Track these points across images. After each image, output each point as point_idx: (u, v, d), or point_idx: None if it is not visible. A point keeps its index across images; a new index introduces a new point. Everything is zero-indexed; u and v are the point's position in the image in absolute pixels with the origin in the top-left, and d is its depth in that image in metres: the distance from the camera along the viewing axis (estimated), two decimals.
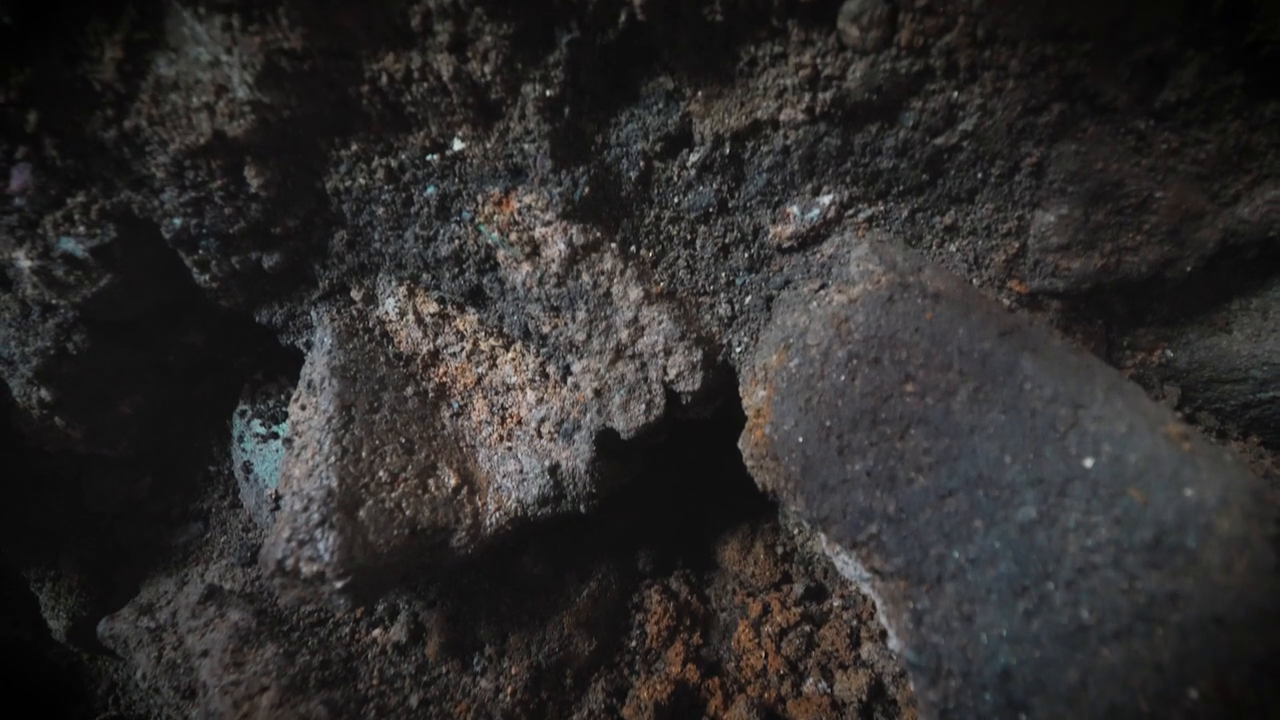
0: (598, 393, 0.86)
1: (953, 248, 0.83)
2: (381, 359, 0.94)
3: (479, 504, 0.89)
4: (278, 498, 1.11)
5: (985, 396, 0.66)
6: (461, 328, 0.94)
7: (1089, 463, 0.61)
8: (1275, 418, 0.95)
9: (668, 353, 0.84)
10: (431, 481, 0.88)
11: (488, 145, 0.81)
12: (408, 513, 0.84)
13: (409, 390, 0.93)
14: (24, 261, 0.89)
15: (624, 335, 0.84)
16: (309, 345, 0.99)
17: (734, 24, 0.71)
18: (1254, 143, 0.78)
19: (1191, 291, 0.89)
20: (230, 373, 1.20)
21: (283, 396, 1.17)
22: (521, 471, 0.90)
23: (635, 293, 0.83)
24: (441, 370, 0.96)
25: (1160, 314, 0.91)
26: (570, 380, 0.88)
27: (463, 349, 0.95)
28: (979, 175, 0.79)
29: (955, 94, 0.73)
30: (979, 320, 0.68)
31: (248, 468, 1.14)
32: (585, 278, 0.83)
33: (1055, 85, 0.72)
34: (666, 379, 0.85)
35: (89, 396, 1.08)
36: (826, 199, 0.80)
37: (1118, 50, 0.71)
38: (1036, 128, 0.75)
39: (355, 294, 0.96)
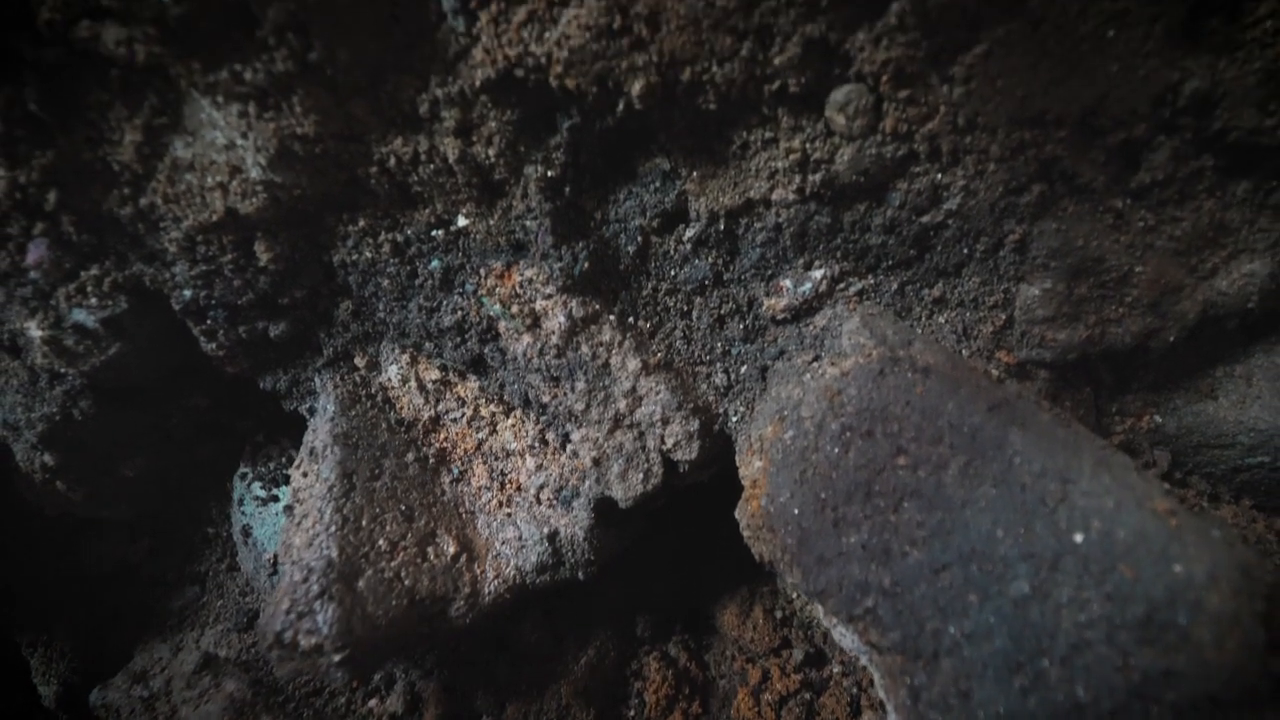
0: (596, 461, 0.87)
1: (942, 319, 0.85)
2: (383, 425, 0.95)
3: (478, 572, 0.89)
4: (276, 562, 1.11)
5: (976, 470, 0.67)
6: (463, 394, 0.96)
7: (1079, 538, 0.62)
8: (1265, 482, 0.96)
9: (665, 422, 0.86)
10: (431, 549, 0.88)
11: (491, 222, 0.84)
12: (407, 582, 0.84)
13: (410, 456, 0.94)
14: (35, 331, 0.91)
15: (622, 405, 0.85)
16: (312, 411, 1.00)
17: (727, 111, 0.75)
18: (1228, 219, 0.81)
19: (1176, 359, 0.91)
20: (232, 435, 1.21)
21: (284, 459, 1.17)
22: (520, 538, 0.91)
23: (633, 363, 0.85)
24: (442, 435, 0.97)
25: (1146, 381, 0.93)
26: (569, 447, 0.89)
27: (463, 414, 0.96)
28: (965, 251, 0.82)
29: (939, 176, 0.76)
30: (968, 395, 0.70)
31: (247, 531, 1.15)
32: (584, 349, 0.85)
33: (1034, 168, 0.76)
34: (664, 448, 0.86)
35: (91, 460, 1.08)
36: (818, 273, 0.83)
37: (1092, 136, 0.74)
38: (1018, 207, 0.78)
39: (359, 361, 0.98)
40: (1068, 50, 0.69)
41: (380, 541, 0.85)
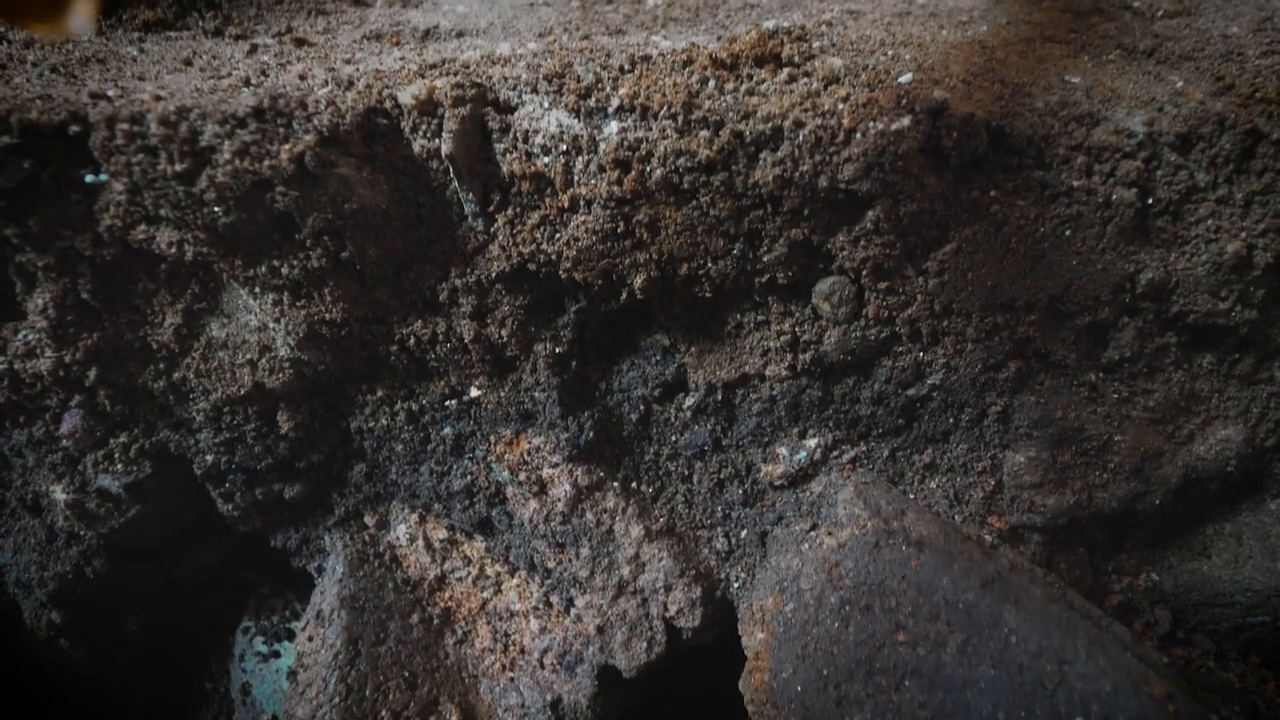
0: (600, 629, 0.88)
1: (933, 484, 0.89)
2: (390, 586, 0.97)
3: None
4: None
5: (974, 649, 0.68)
6: (469, 553, 0.98)
7: None
8: (1270, 639, 0.96)
9: (668, 589, 0.87)
10: (433, 719, 0.87)
11: (501, 393, 0.89)
12: None
13: (415, 618, 0.95)
14: (60, 495, 0.95)
15: (626, 572, 0.87)
16: (320, 570, 1.02)
17: (721, 298, 0.82)
18: (1197, 389, 0.86)
19: (1166, 518, 0.93)
20: (236, 586, 1.22)
21: (288, 612, 1.18)
22: (523, 705, 0.90)
23: (636, 530, 0.87)
24: (447, 595, 0.98)
25: (1139, 539, 0.94)
26: (574, 612, 0.90)
27: (469, 574, 0.98)
28: (951, 420, 0.86)
29: (921, 354, 0.82)
30: (961, 570, 0.72)
31: (246, 689, 1.13)
32: (589, 516, 0.88)
33: (1009, 347, 0.81)
34: (667, 615, 0.87)
35: (97, 617, 1.09)
36: (812, 442, 0.87)
37: (1061, 319, 0.80)
38: (998, 381, 0.83)
39: (368, 520, 1.01)
40: (1030, 247, 0.76)
41: (383, 712, 0.85)
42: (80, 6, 0.31)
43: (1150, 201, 0.75)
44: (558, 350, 0.86)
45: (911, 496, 0.87)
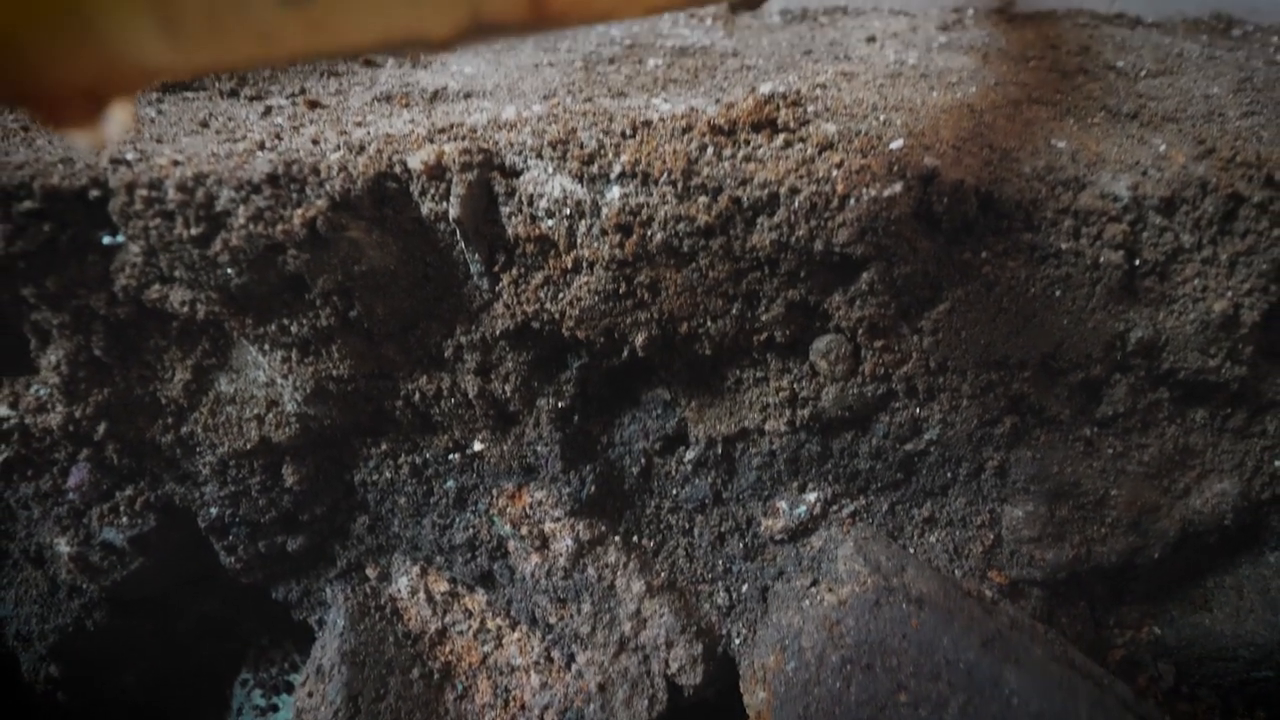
0: (601, 687, 0.87)
1: (933, 539, 0.89)
2: (390, 639, 0.97)
3: None
4: None
5: (975, 710, 0.68)
6: (470, 606, 0.98)
7: None
8: (1275, 695, 0.95)
9: (669, 645, 0.87)
10: None
11: (505, 447, 0.90)
12: None
13: (415, 673, 0.95)
14: (64, 547, 0.95)
15: (627, 628, 0.87)
16: (320, 623, 1.02)
17: (721, 355, 0.83)
18: (1191, 443, 0.87)
19: (1166, 571, 0.94)
20: (236, 638, 1.21)
21: (286, 665, 1.17)
22: None
23: (638, 585, 0.88)
24: (448, 649, 0.98)
25: (1140, 592, 0.95)
26: (575, 667, 0.90)
27: (470, 627, 0.98)
28: (948, 474, 0.87)
29: (918, 410, 0.83)
30: (962, 628, 0.72)
31: None
32: (591, 571, 0.88)
33: (1004, 403, 0.83)
34: (669, 672, 0.87)
35: (96, 670, 1.08)
36: (812, 496, 0.88)
37: (1054, 375, 0.82)
38: (994, 436, 0.84)
39: (370, 572, 1.01)
40: (1021, 307, 0.78)
41: None
42: (117, 114, 0.33)
43: (1137, 263, 0.77)
44: (560, 405, 0.87)
45: (911, 551, 0.87)
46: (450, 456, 0.92)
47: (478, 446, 0.91)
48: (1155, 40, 1.30)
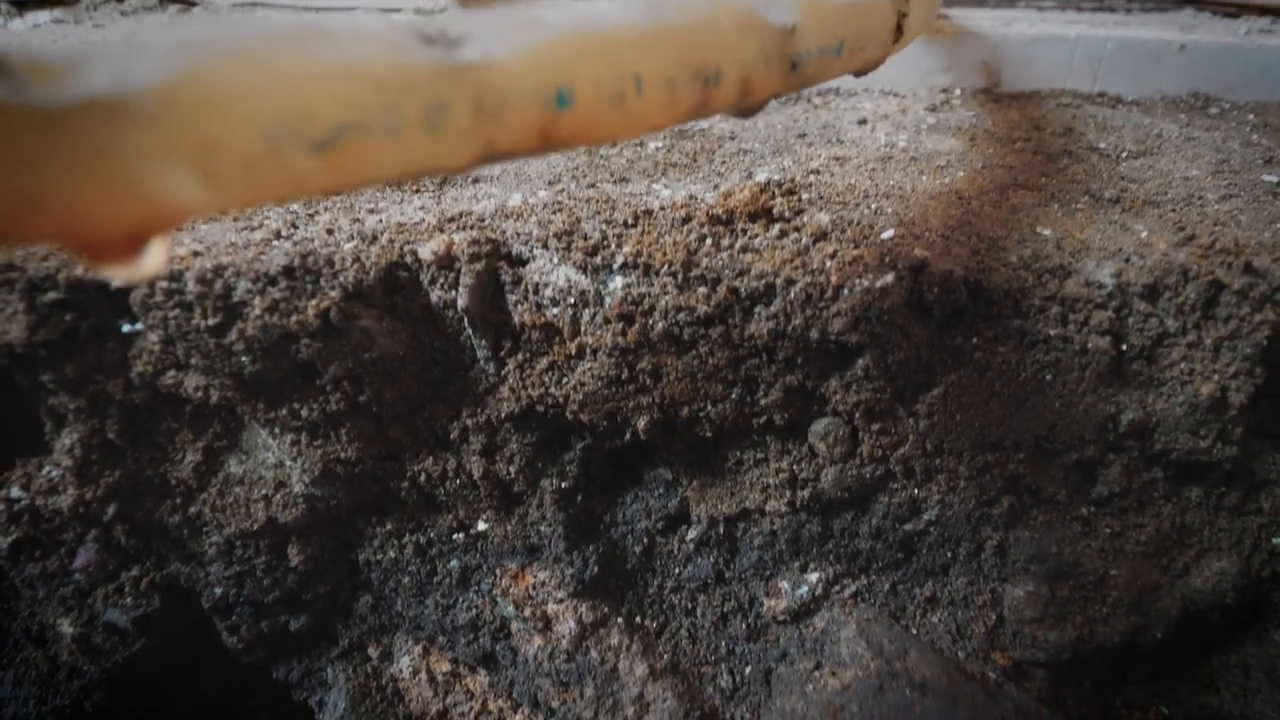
0: None
1: (935, 619, 0.89)
2: None
3: None
4: None
5: None
6: (472, 687, 0.97)
7: None
8: None
9: None
10: None
11: (508, 527, 0.91)
12: None
13: None
14: (67, 628, 0.95)
15: (630, 712, 0.87)
16: (321, 705, 1.01)
17: (721, 437, 0.85)
18: (1189, 522, 0.88)
19: (1170, 650, 0.93)
20: (235, 718, 1.20)
21: None
22: None
23: (641, 668, 0.87)
24: None
25: (1145, 672, 0.94)
26: None
27: (471, 709, 0.97)
28: (949, 554, 0.88)
29: (916, 491, 0.84)
30: (965, 714, 0.72)
31: None
32: (593, 654, 0.88)
33: (1001, 483, 0.84)
34: None
35: None
36: (814, 576, 0.88)
37: (1049, 457, 0.83)
38: (992, 516, 0.85)
39: (372, 651, 1.00)
40: (1014, 391, 0.80)
41: None
42: (154, 252, 0.36)
43: (1124, 347, 0.79)
44: (563, 485, 0.88)
45: (914, 632, 0.87)
46: (454, 536, 0.93)
47: (482, 526, 0.92)
48: (1136, 120, 1.35)
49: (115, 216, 0.37)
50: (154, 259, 0.40)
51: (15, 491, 0.89)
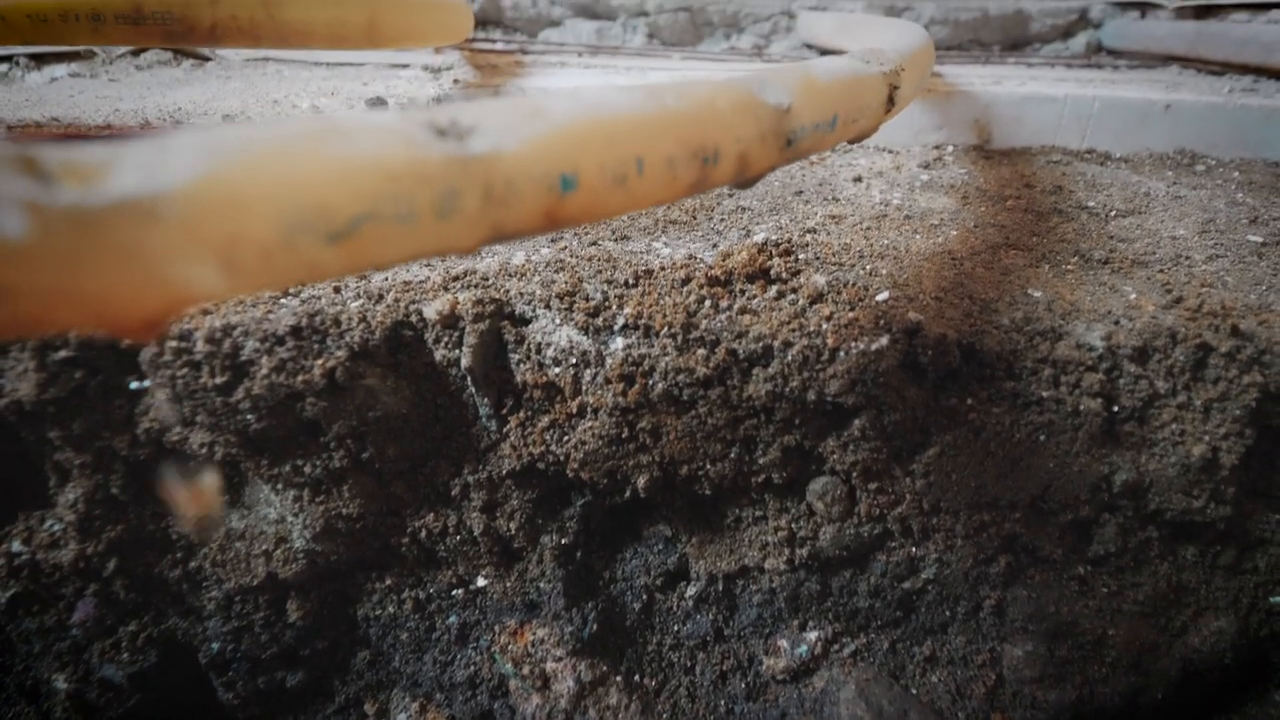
0: None
1: (934, 678, 0.89)
2: None
3: None
4: None
5: None
6: None
7: None
8: None
9: None
10: None
11: (508, 583, 0.91)
12: None
13: None
14: (61, 684, 0.95)
15: None
16: None
17: (720, 495, 0.86)
18: (1185, 581, 0.88)
19: (1171, 710, 0.93)
20: None
21: None
22: None
23: None
24: None
25: None
26: None
27: None
28: (947, 613, 0.88)
29: (914, 549, 0.85)
30: None
31: None
32: (592, 713, 0.88)
33: (998, 542, 0.84)
34: None
35: None
36: (813, 634, 0.88)
37: (1044, 516, 0.84)
38: (990, 575, 0.86)
39: (368, 708, 1.00)
40: (1008, 451, 0.81)
41: None
42: (170, 327, 0.38)
43: (1116, 409, 0.81)
44: (563, 541, 0.89)
45: (914, 692, 0.87)
46: (454, 592, 0.93)
47: (481, 582, 0.92)
48: (1124, 178, 1.38)
49: (140, 306, 0.39)
50: (169, 332, 0.42)
51: (16, 546, 0.89)
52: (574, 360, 0.81)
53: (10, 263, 0.31)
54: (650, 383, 0.78)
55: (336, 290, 0.90)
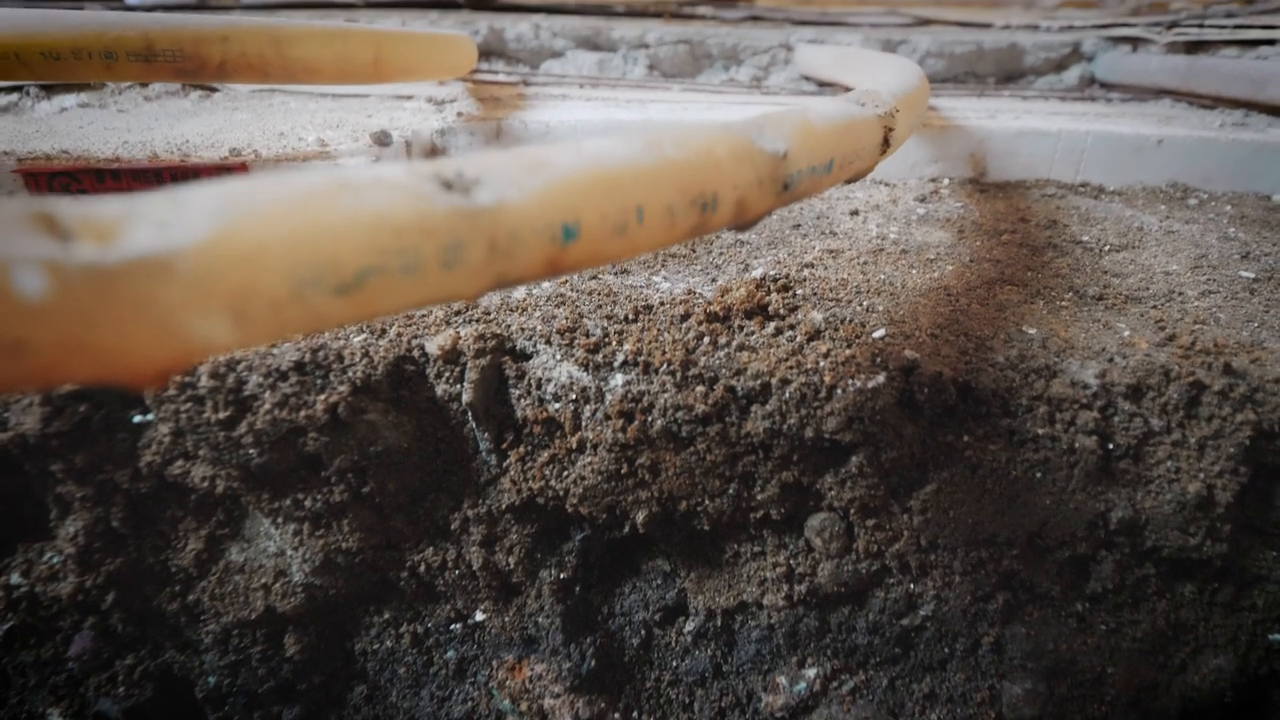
0: None
1: (934, 716, 0.89)
2: None
3: None
4: None
5: None
6: None
7: None
8: None
9: None
10: None
11: (506, 618, 0.91)
12: None
13: None
14: (57, 718, 0.94)
15: None
16: None
17: (719, 531, 0.86)
18: (1183, 618, 0.88)
19: None
20: None
21: None
22: None
23: None
24: None
25: None
26: None
27: None
28: (946, 650, 0.88)
29: (912, 586, 0.85)
30: None
31: None
32: None
33: (996, 579, 0.85)
34: None
35: None
36: (811, 672, 0.88)
37: (1041, 553, 0.84)
38: (988, 612, 0.86)
39: None
40: (1004, 488, 0.82)
41: None
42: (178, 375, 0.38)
43: (1111, 446, 0.81)
44: (562, 576, 0.89)
45: None
46: (452, 626, 0.93)
47: (480, 616, 0.92)
48: (1118, 212, 1.40)
49: (152, 358, 0.39)
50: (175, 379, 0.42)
51: (15, 578, 0.90)
52: (574, 396, 0.82)
53: (29, 320, 0.32)
54: (649, 419, 0.79)
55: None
